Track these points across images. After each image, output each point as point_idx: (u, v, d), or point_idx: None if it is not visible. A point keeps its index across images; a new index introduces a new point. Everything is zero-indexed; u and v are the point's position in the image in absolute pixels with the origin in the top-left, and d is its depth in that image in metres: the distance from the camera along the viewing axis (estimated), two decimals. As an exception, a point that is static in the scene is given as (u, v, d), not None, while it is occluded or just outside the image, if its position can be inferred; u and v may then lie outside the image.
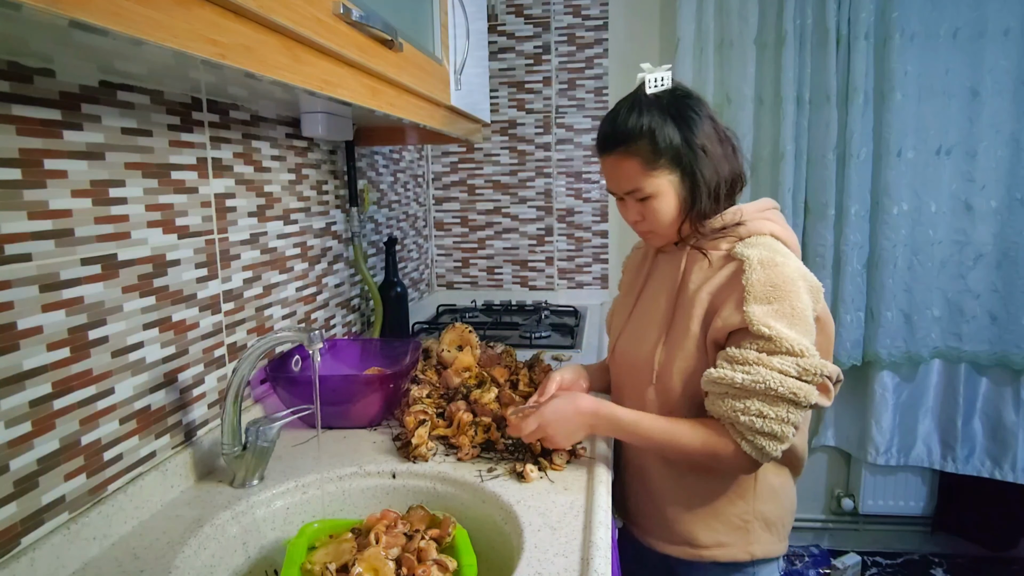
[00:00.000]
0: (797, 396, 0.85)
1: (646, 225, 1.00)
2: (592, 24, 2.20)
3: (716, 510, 1.00)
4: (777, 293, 0.88)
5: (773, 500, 1.01)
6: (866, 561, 2.31)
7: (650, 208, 0.97)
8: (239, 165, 1.10)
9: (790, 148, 2.05)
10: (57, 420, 0.74)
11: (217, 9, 0.55)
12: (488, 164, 2.33)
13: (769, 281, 0.88)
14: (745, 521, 1.00)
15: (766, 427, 0.86)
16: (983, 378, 2.15)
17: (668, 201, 0.96)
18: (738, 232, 0.96)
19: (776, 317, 0.87)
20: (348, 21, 0.74)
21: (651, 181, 0.95)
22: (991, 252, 2.05)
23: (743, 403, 0.87)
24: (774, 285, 0.88)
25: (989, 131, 1.99)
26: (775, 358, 0.86)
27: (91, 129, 0.79)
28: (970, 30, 1.95)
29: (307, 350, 0.91)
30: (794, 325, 0.87)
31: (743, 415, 0.87)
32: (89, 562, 0.76)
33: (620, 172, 0.97)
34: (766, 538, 1.01)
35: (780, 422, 0.86)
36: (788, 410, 0.86)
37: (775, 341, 0.86)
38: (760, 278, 0.89)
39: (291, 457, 1.03)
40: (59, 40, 0.65)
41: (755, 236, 0.95)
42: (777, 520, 1.02)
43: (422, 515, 0.90)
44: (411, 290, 2.12)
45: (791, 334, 0.86)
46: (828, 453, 2.36)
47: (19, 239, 0.69)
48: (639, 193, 0.96)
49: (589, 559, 0.75)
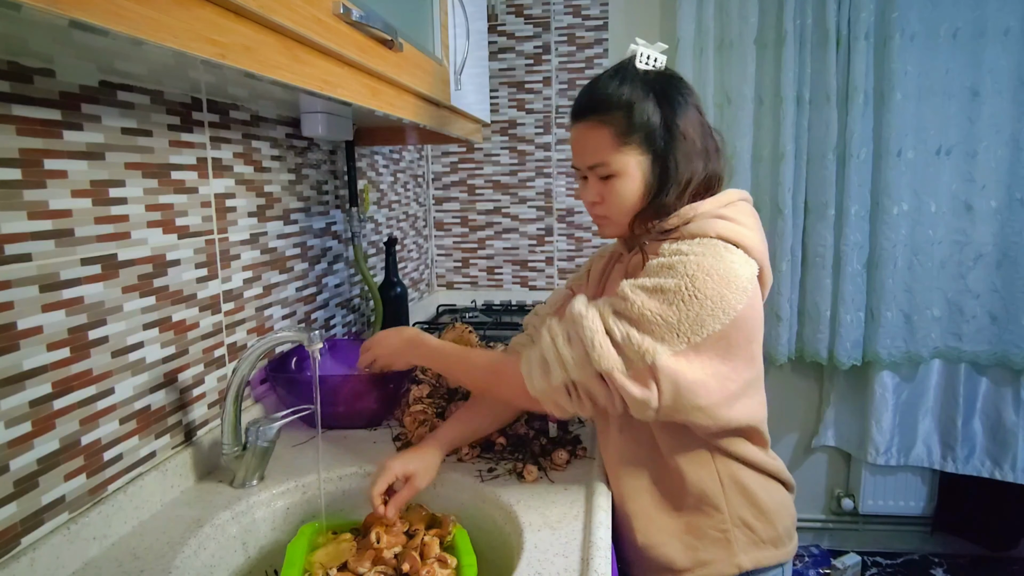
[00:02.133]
0: (592, 350, 0.76)
1: (603, 208, 0.90)
2: (592, 24, 2.20)
3: (689, 526, 0.90)
4: (668, 272, 0.78)
5: (752, 505, 0.90)
6: (866, 561, 2.31)
7: (612, 189, 0.87)
8: (239, 165, 1.10)
9: (790, 148, 2.05)
10: (57, 420, 0.74)
11: (217, 9, 0.55)
12: (488, 164, 2.33)
13: (666, 263, 0.79)
14: (723, 531, 0.89)
15: (548, 352, 0.80)
16: (983, 378, 2.15)
17: (632, 184, 0.86)
18: (681, 232, 0.85)
19: (648, 289, 0.77)
20: (348, 21, 0.74)
21: (618, 157, 0.85)
22: (991, 252, 2.04)
23: (557, 325, 0.81)
24: (670, 267, 0.79)
25: (989, 131, 1.99)
26: (615, 317, 0.78)
27: (91, 129, 0.79)
28: (970, 30, 1.95)
29: (307, 350, 0.91)
30: (668, 304, 0.76)
31: (546, 331, 0.82)
32: (89, 562, 0.76)
33: (587, 142, 0.87)
34: (755, 547, 0.90)
35: (557, 359, 0.79)
36: (574, 357, 0.78)
37: (628, 302, 0.77)
38: (660, 261, 0.80)
39: (291, 457, 1.04)
40: (59, 40, 0.65)
41: (698, 238, 0.83)
42: (764, 529, 0.90)
43: (422, 515, 0.90)
44: (411, 290, 2.12)
45: (651, 305, 0.76)
46: (828, 453, 2.36)
47: (19, 239, 0.69)
48: (603, 169, 0.87)
49: (589, 559, 0.75)
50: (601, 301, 0.81)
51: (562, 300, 1.07)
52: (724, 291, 0.77)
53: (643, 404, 0.78)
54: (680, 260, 0.79)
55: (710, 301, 0.76)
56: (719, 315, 0.77)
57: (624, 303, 0.78)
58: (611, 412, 0.83)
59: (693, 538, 0.90)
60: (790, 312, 2.16)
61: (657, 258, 0.82)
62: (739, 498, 0.90)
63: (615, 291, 0.81)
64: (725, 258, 0.79)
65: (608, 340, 0.77)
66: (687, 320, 0.76)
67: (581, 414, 0.83)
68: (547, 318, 0.86)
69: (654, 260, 0.81)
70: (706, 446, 0.88)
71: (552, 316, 0.86)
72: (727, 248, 0.81)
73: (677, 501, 0.90)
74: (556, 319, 0.83)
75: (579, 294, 0.95)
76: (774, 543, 0.92)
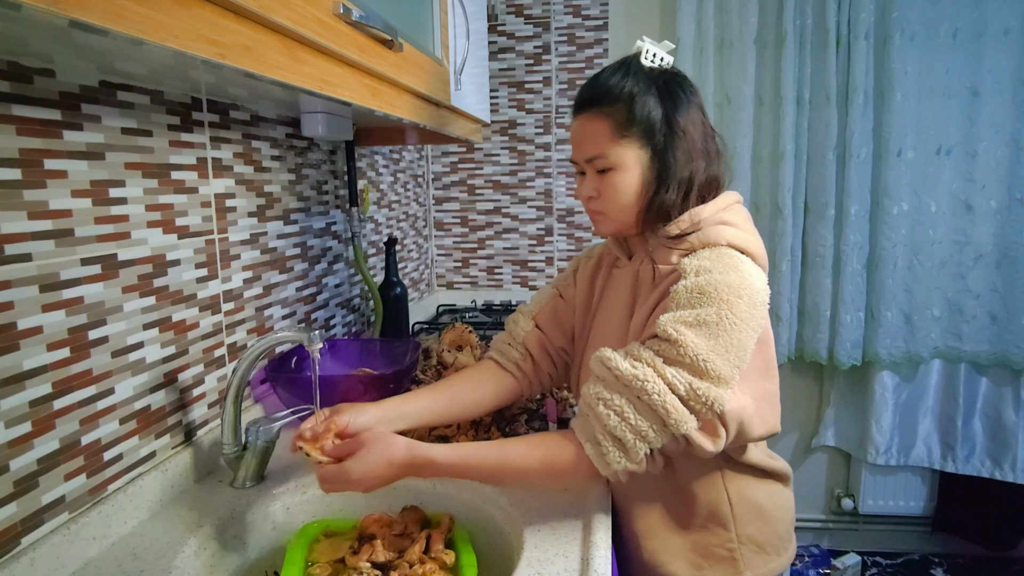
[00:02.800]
0: (668, 416, 0.73)
1: (599, 204, 0.88)
2: (592, 24, 2.20)
3: (696, 544, 0.89)
4: (703, 299, 0.76)
5: (758, 519, 0.90)
6: (866, 561, 2.31)
7: (609, 183, 0.86)
8: (239, 165, 1.10)
9: (790, 148, 2.05)
10: (57, 420, 0.74)
11: (217, 9, 0.55)
12: (488, 164, 2.33)
13: (697, 288, 0.77)
14: (730, 550, 0.89)
15: (619, 430, 0.74)
16: (983, 378, 2.15)
17: (630, 178, 0.84)
18: (691, 242, 0.84)
19: (691, 324, 0.75)
20: (348, 21, 0.74)
21: (617, 150, 0.84)
22: (991, 252, 2.04)
23: (611, 394, 0.76)
24: (701, 292, 0.76)
25: (989, 131, 1.99)
26: (670, 368, 0.74)
27: (91, 129, 0.79)
28: (970, 30, 1.95)
29: (307, 350, 0.91)
30: (714, 337, 0.74)
31: (604, 406, 0.76)
32: (89, 562, 0.76)
33: (587, 133, 0.86)
34: (759, 560, 0.91)
35: (636, 434, 0.74)
36: (652, 426, 0.74)
37: (678, 346, 0.74)
38: (688, 285, 0.78)
39: (291, 457, 1.03)
40: (59, 40, 0.65)
41: (708, 248, 0.82)
42: (768, 539, 0.91)
43: (416, 516, 0.89)
44: (411, 290, 2.12)
45: (701, 344, 0.74)
46: (828, 453, 2.36)
47: (19, 239, 0.69)
48: (601, 161, 0.85)
49: (589, 559, 0.75)
50: (642, 348, 0.77)
51: (547, 300, 1.05)
52: (752, 310, 0.77)
53: (712, 453, 0.77)
54: (708, 281, 0.77)
55: (745, 324, 0.76)
56: (752, 335, 0.77)
57: (674, 348, 0.74)
58: None
59: (699, 557, 0.89)
60: (790, 312, 2.16)
61: (677, 276, 0.81)
62: (747, 514, 0.90)
63: (649, 323, 0.80)
64: (743, 272, 0.79)
65: (676, 399, 0.73)
66: (733, 349, 0.75)
67: (654, 472, 0.79)
68: (587, 388, 0.79)
69: (680, 284, 0.79)
70: (716, 464, 0.88)
71: (595, 383, 0.79)
72: (741, 259, 0.81)
73: (685, 520, 0.90)
74: (605, 389, 0.77)
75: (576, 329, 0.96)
76: (777, 550, 0.92)
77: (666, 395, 0.73)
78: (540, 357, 1.03)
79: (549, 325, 1.03)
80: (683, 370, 0.74)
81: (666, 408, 0.73)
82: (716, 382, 0.74)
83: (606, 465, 0.76)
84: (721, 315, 0.75)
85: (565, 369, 1.05)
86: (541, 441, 0.82)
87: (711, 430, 0.76)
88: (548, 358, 1.03)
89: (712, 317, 0.75)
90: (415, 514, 0.90)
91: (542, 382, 1.04)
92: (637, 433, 0.74)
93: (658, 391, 0.73)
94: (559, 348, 1.03)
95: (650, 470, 0.78)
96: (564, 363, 1.05)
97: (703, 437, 0.75)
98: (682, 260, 0.83)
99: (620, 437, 0.75)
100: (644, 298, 0.87)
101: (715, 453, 0.77)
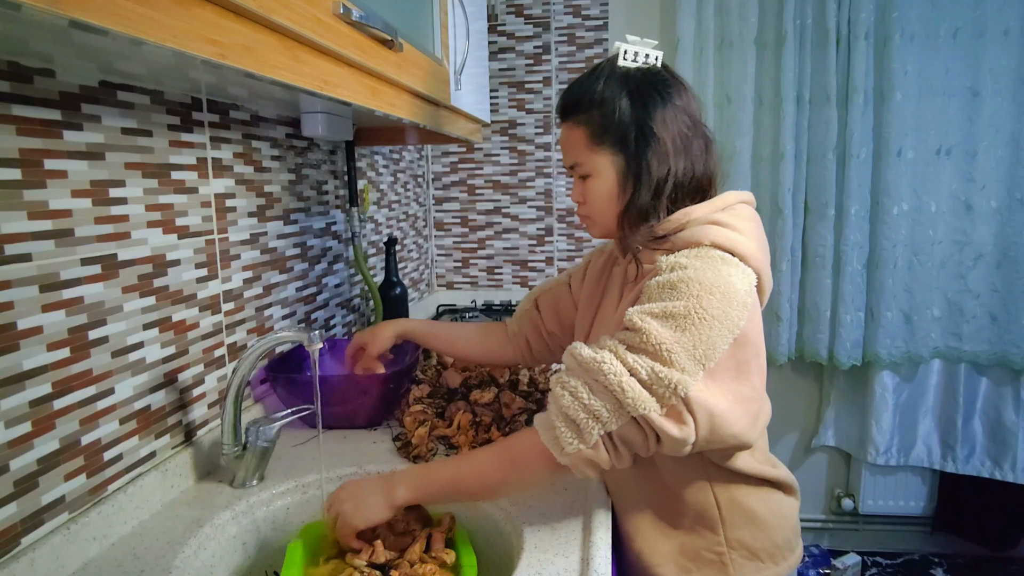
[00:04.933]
0: (625, 396, 0.71)
1: (585, 209, 0.89)
2: (592, 24, 2.20)
3: (684, 547, 0.88)
4: (672, 294, 0.75)
5: (750, 525, 0.87)
6: (866, 561, 2.31)
7: (590, 189, 0.87)
8: (239, 165, 1.10)
9: (790, 148, 2.05)
10: (57, 420, 0.74)
11: (217, 9, 0.55)
12: (488, 164, 2.33)
13: (668, 283, 0.76)
14: (718, 554, 0.86)
15: (572, 410, 0.73)
16: (983, 378, 2.15)
17: (606, 184, 0.85)
18: (673, 241, 0.82)
19: (657, 315, 0.74)
20: (348, 21, 0.74)
21: (592, 158, 0.85)
22: (991, 252, 2.04)
23: (569, 378, 0.75)
24: (672, 286, 0.75)
25: (989, 131, 1.99)
26: (632, 354, 0.73)
27: (91, 129, 0.79)
28: (970, 30, 1.95)
29: (307, 350, 0.91)
30: (680, 329, 0.73)
31: (560, 387, 0.75)
32: (89, 562, 0.76)
33: (567, 142, 0.88)
34: (752, 567, 0.87)
35: (590, 415, 0.72)
36: (605, 406, 0.72)
37: (641, 334, 0.73)
38: (660, 280, 0.77)
39: (291, 457, 1.03)
40: (59, 40, 0.65)
41: (694, 248, 0.80)
42: (763, 546, 0.88)
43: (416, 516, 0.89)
44: (411, 290, 2.12)
45: (666, 334, 0.72)
46: (828, 453, 2.36)
47: (19, 239, 0.69)
48: (580, 169, 0.87)
49: (589, 559, 0.75)
50: (608, 339, 0.76)
51: (555, 286, 1.09)
52: (727, 309, 0.74)
53: (682, 442, 0.73)
54: (680, 277, 0.76)
55: (717, 321, 0.74)
56: (726, 335, 0.74)
57: (637, 336, 0.73)
58: (643, 455, 0.77)
59: (687, 560, 0.88)
60: (790, 312, 2.16)
61: (655, 273, 0.79)
62: (738, 519, 0.87)
63: (619, 318, 0.79)
64: (722, 272, 0.76)
65: (635, 380, 0.72)
66: (701, 344, 0.73)
67: (620, 466, 0.76)
68: (556, 378, 0.78)
69: (654, 279, 0.78)
70: (703, 466, 0.86)
71: (562, 373, 0.78)
72: (724, 259, 0.78)
73: (674, 521, 0.89)
74: (565, 374, 0.77)
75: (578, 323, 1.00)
76: (773, 559, 0.89)
77: (623, 376, 0.71)
78: (532, 336, 1.10)
79: (547, 309, 1.09)
80: (645, 356, 0.73)
81: (622, 387, 0.71)
82: (679, 369, 0.72)
83: (560, 449, 0.74)
84: (689, 308, 0.73)
85: (559, 352, 1.09)
86: (503, 439, 0.85)
87: (676, 416, 0.72)
88: (540, 338, 1.10)
89: (680, 310, 0.73)
90: (416, 513, 0.90)
91: (535, 357, 1.12)
92: (590, 413, 0.72)
93: (614, 371, 0.72)
94: (550, 332, 1.08)
95: (615, 463, 0.75)
96: (557, 346, 1.09)
97: (668, 423, 0.72)
98: (659, 258, 0.82)
99: (573, 417, 0.73)
100: (625, 296, 0.88)
101: (685, 442, 0.73)
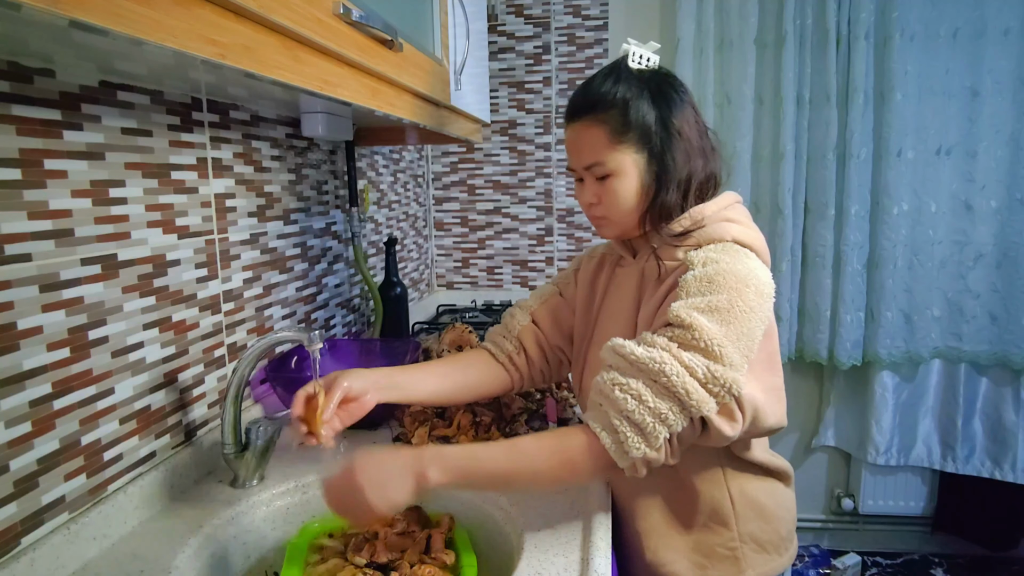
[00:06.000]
0: (689, 397, 0.71)
1: (601, 209, 0.88)
2: (592, 24, 2.20)
3: (698, 544, 0.90)
4: (712, 287, 0.76)
5: (760, 518, 0.91)
6: (866, 561, 2.31)
7: (608, 189, 0.86)
8: (239, 165, 1.10)
9: (790, 148, 2.05)
10: (57, 420, 0.74)
11: (217, 9, 0.55)
12: (488, 164, 2.33)
13: (706, 277, 0.77)
14: (731, 549, 0.89)
15: (637, 414, 0.71)
16: (983, 378, 2.15)
17: (629, 183, 0.85)
18: (697, 237, 0.84)
19: (703, 310, 0.75)
20: (348, 21, 0.74)
21: (614, 156, 0.84)
22: (991, 252, 2.05)
23: (627, 379, 0.73)
24: (711, 280, 0.77)
25: (989, 131, 1.99)
26: (686, 352, 0.73)
27: (91, 129, 0.79)
28: (970, 30, 1.95)
29: (307, 350, 0.90)
30: (726, 323, 0.74)
31: (620, 390, 0.73)
32: (89, 562, 0.76)
33: (583, 141, 0.86)
34: (761, 559, 0.91)
35: (656, 417, 0.71)
36: (671, 409, 0.71)
37: (692, 331, 0.73)
38: (697, 274, 0.78)
39: (291, 457, 1.03)
40: (59, 40, 0.65)
41: (715, 243, 0.83)
42: (770, 538, 0.92)
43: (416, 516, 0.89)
44: (411, 290, 2.12)
45: (715, 330, 0.73)
46: (828, 453, 2.36)
47: (19, 239, 0.69)
48: (600, 168, 0.85)
49: (589, 559, 0.75)
50: (655, 336, 0.76)
51: (547, 297, 1.05)
52: (760, 301, 0.77)
53: (729, 438, 0.75)
54: (717, 271, 0.77)
55: (754, 313, 0.76)
56: (760, 326, 0.77)
57: (687, 332, 0.74)
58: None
59: (701, 556, 0.90)
60: (790, 312, 2.16)
61: (684, 269, 0.81)
62: (749, 512, 0.90)
63: (659, 313, 0.79)
64: (749, 264, 0.79)
65: (695, 381, 0.72)
66: (744, 338, 0.75)
67: (671, 463, 0.76)
68: (600, 376, 0.77)
69: (689, 274, 0.79)
70: (719, 460, 0.89)
71: (608, 371, 0.76)
72: (747, 254, 0.81)
73: (688, 519, 0.90)
74: (620, 375, 0.75)
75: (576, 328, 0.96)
76: (778, 550, 0.93)
77: (684, 377, 0.71)
78: (534, 352, 1.02)
79: (546, 321, 1.03)
80: (699, 355, 0.73)
81: (686, 389, 0.71)
82: (729, 366, 0.73)
83: (624, 454, 0.73)
84: (732, 302, 0.75)
85: (558, 367, 1.05)
86: (551, 435, 0.79)
87: (729, 414, 0.74)
88: (542, 354, 1.03)
89: (723, 304, 0.75)
90: (416, 514, 0.90)
91: (533, 377, 1.04)
92: (657, 416, 0.72)
93: (676, 372, 0.71)
94: (555, 346, 1.03)
95: (668, 460, 0.75)
96: (558, 361, 1.04)
97: (722, 421, 0.74)
98: (688, 253, 0.83)
99: (638, 422, 0.72)
100: (650, 293, 0.87)
101: (732, 439, 0.76)
